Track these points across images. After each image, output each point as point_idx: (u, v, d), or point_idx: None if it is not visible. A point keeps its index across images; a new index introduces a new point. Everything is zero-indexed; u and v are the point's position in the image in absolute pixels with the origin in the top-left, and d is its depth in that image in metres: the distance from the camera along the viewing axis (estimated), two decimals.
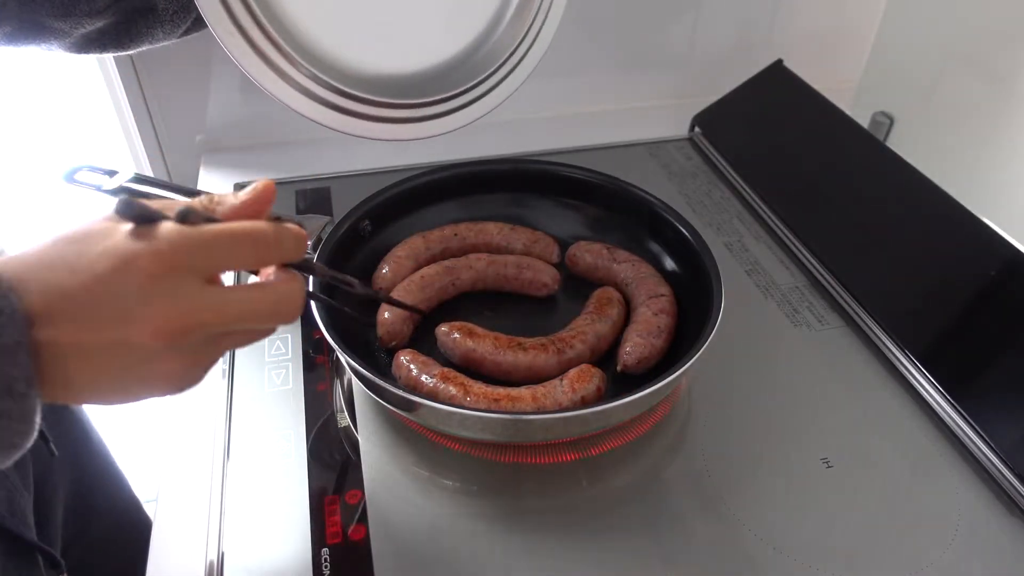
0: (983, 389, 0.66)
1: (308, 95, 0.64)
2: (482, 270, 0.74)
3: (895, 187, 0.84)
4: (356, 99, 0.66)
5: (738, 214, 0.93)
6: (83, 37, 0.63)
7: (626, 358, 0.66)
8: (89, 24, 0.61)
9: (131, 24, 0.64)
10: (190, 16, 0.66)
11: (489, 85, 0.74)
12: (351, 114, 0.67)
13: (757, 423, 0.67)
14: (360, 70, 0.67)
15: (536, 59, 0.74)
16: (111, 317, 0.36)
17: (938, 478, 0.63)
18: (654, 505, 0.60)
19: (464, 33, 0.72)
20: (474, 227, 0.78)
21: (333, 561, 0.54)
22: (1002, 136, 0.92)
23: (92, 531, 0.76)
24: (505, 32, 0.73)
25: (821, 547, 0.57)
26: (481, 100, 0.74)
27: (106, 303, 0.36)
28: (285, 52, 0.62)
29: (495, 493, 0.60)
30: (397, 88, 0.69)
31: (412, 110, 0.70)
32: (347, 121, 0.67)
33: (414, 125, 0.71)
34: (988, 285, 0.72)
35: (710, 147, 1.04)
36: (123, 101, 0.96)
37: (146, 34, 0.66)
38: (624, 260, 0.75)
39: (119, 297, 0.36)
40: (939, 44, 0.99)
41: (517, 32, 0.73)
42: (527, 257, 0.76)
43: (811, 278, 0.83)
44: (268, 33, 0.60)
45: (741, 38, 1.15)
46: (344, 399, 0.67)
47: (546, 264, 0.76)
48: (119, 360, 0.37)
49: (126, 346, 0.36)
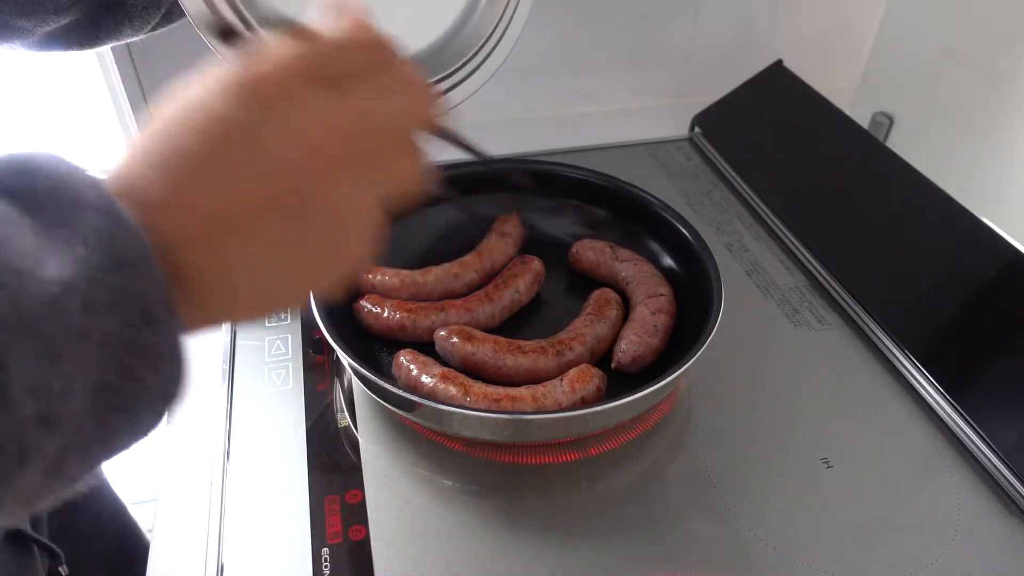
0: (983, 389, 0.66)
1: None
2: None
3: (895, 187, 0.84)
4: None
5: (738, 214, 0.93)
6: (47, 35, 0.60)
7: (620, 356, 0.66)
8: (54, 21, 0.59)
9: (97, 20, 0.61)
10: (160, 11, 0.63)
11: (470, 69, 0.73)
12: None
13: (757, 423, 0.67)
14: None
15: (514, 37, 0.74)
16: (254, 160, 0.29)
17: (938, 478, 0.63)
18: (654, 505, 0.60)
19: (444, 17, 0.72)
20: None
21: (333, 561, 0.54)
22: (1002, 136, 0.92)
23: (77, 524, 0.76)
24: (484, 12, 0.73)
25: (821, 547, 0.57)
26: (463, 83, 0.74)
27: (243, 142, 0.29)
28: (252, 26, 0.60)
29: (495, 493, 0.60)
30: None
31: None
32: None
33: None
34: (988, 285, 0.72)
35: (710, 147, 1.04)
36: (123, 100, 0.96)
37: (113, 31, 0.63)
38: (626, 259, 0.75)
39: (257, 128, 0.29)
40: (939, 44, 0.99)
41: (490, 20, 0.72)
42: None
43: (811, 278, 0.83)
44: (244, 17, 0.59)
45: (741, 38, 1.15)
46: (344, 399, 0.67)
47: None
48: (281, 228, 0.30)
49: (291, 192, 0.29)
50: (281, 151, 0.29)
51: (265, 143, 0.29)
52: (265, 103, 0.29)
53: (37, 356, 0.24)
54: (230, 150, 0.29)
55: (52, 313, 0.24)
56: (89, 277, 0.25)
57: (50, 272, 0.25)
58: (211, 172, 0.28)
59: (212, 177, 0.29)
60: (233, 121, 0.29)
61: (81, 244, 0.25)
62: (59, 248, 0.25)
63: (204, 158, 0.28)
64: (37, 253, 0.25)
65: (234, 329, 0.74)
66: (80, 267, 0.25)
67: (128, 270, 0.26)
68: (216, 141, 0.29)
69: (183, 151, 0.28)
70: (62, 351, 0.25)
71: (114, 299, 0.26)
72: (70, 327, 0.25)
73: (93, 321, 0.25)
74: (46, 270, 0.25)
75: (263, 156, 0.29)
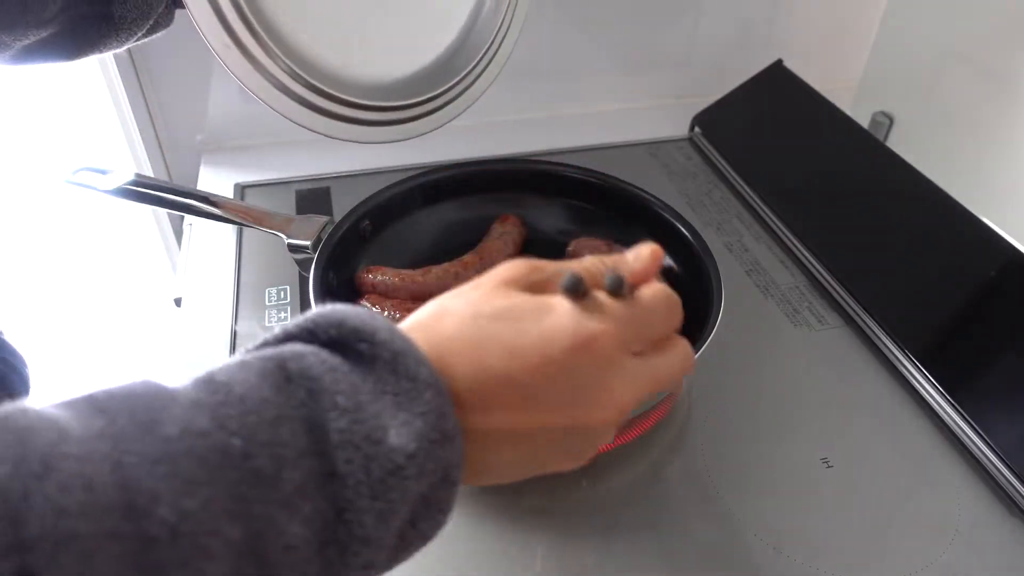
0: (983, 389, 0.66)
1: (298, 100, 0.64)
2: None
3: (895, 187, 0.84)
4: (340, 102, 0.66)
5: (738, 214, 0.93)
6: (24, 49, 0.58)
7: None
8: (34, 34, 0.57)
9: (79, 33, 0.59)
10: (148, 23, 0.61)
11: (469, 81, 0.74)
12: (330, 115, 0.67)
13: (757, 423, 0.67)
14: (345, 74, 0.67)
15: (508, 51, 0.74)
16: (567, 402, 0.33)
17: (938, 478, 0.63)
18: (654, 505, 0.60)
19: (449, 31, 0.72)
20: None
21: None
22: (1002, 136, 0.92)
23: None
24: (483, 24, 0.73)
25: (821, 547, 0.57)
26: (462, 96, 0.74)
27: (563, 388, 0.33)
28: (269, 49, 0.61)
29: (495, 493, 0.60)
30: (382, 91, 0.69)
31: (396, 112, 0.71)
32: (332, 125, 0.67)
33: (398, 127, 0.71)
34: (988, 285, 0.72)
35: (710, 147, 1.03)
36: (123, 101, 0.96)
37: (96, 43, 0.61)
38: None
39: (578, 381, 0.33)
40: (939, 44, 0.99)
41: (492, 25, 0.73)
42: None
43: (811, 278, 0.83)
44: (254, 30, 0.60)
45: (741, 38, 1.15)
46: None
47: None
48: (556, 445, 0.34)
49: (577, 431, 0.34)
50: (604, 407, 0.34)
51: (585, 397, 0.33)
52: (594, 363, 0.33)
53: (377, 516, 0.29)
54: (550, 390, 0.33)
55: (394, 479, 0.29)
56: (426, 450, 0.30)
57: (396, 441, 0.29)
58: (525, 401, 0.33)
59: (525, 406, 0.33)
60: (563, 367, 0.33)
61: (421, 419, 0.30)
62: (403, 419, 0.30)
63: (523, 387, 0.32)
64: (387, 423, 0.29)
65: (235, 328, 0.74)
66: (420, 441, 0.30)
67: (449, 445, 0.31)
68: (540, 378, 0.32)
69: (505, 373, 0.32)
70: (394, 510, 0.29)
71: (436, 466, 0.30)
72: (405, 491, 0.29)
73: (418, 485, 0.30)
74: (393, 438, 0.29)
75: (577, 411, 0.33)
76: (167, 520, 0.24)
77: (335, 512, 0.28)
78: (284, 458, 0.27)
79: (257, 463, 0.27)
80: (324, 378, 0.30)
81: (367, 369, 0.31)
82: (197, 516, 0.25)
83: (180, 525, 0.25)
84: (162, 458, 0.25)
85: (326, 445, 0.28)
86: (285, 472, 0.27)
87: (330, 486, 0.28)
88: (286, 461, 0.27)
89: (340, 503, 0.28)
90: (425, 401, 0.30)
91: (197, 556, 0.25)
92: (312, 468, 0.28)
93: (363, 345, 0.31)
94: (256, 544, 0.26)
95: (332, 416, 0.29)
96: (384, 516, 0.29)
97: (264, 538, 0.26)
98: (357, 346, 0.31)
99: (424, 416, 0.30)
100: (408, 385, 0.30)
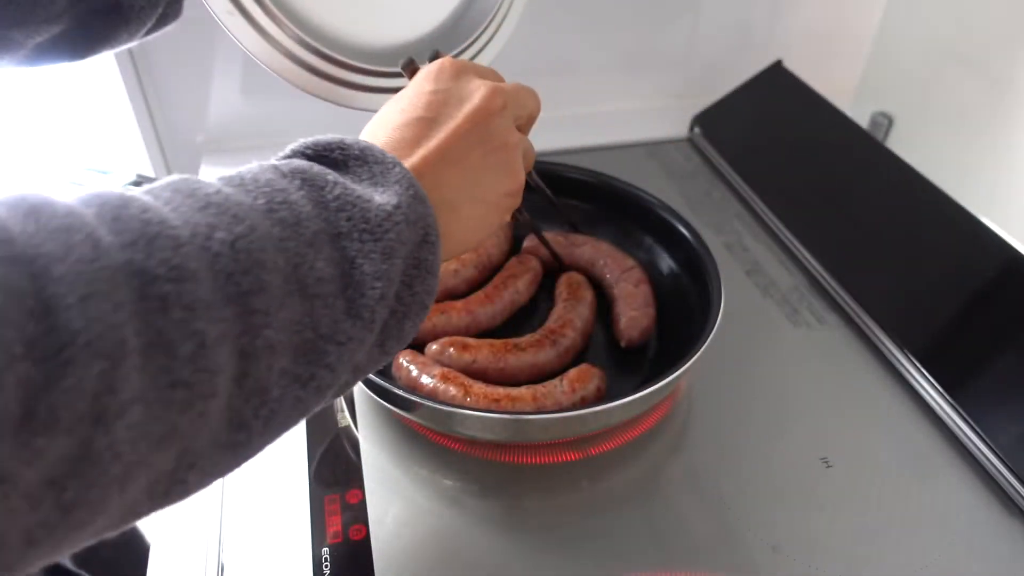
0: (983, 389, 0.66)
1: (307, 68, 0.63)
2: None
3: (894, 187, 0.84)
4: (349, 67, 0.65)
5: (738, 214, 0.93)
6: (36, 47, 0.59)
7: (629, 332, 0.68)
8: (46, 31, 0.58)
9: (90, 27, 0.60)
10: (156, 10, 0.62)
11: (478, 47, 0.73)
12: (338, 82, 0.66)
13: (757, 423, 0.67)
14: (354, 39, 0.66)
15: (518, 15, 0.73)
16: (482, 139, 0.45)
17: (938, 478, 0.63)
18: (654, 505, 0.60)
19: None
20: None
21: (333, 561, 0.54)
22: (1001, 136, 0.92)
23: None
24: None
25: (821, 547, 0.57)
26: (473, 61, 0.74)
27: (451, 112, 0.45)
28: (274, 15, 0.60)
29: (495, 493, 0.60)
30: (386, 57, 0.68)
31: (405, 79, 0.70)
32: (342, 93, 0.66)
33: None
34: (987, 285, 0.72)
35: (710, 147, 1.04)
36: (124, 101, 0.96)
37: (107, 38, 0.61)
38: (583, 243, 0.77)
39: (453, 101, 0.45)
40: (939, 44, 0.99)
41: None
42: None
43: (810, 278, 0.83)
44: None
45: (741, 38, 1.15)
46: (344, 399, 0.67)
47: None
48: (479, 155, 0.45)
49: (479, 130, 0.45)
50: (479, 100, 0.46)
51: (469, 98, 0.46)
52: (456, 77, 0.47)
53: (381, 254, 0.37)
54: (446, 108, 0.45)
55: (388, 222, 0.37)
56: (407, 204, 0.38)
57: (381, 200, 0.38)
58: (431, 125, 0.44)
59: (433, 128, 0.44)
60: (439, 90, 0.46)
61: (396, 186, 0.39)
62: (383, 189, 0.39)
63: (426, 118, 0.44)
64: (371, 190, 0.38)
65: None
66: (400, 199, 0.38)
67: (421, 203, 0.39)
68: (433, 106, 0.45)
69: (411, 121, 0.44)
70: (393, 252, 0.37)
71: (417, 219, 0.39)
72: (399, 234, 0.37)
73: (407, 233, 0.38)
74: (378, 199, 0.38)
75: (468, 106, 0.46)
76: (225, 240, 0.31)
77: (348, 262, 0.36)
78: (299, 213, 0.35)
79: (280, 215, 0.34)
80: (313, 169, 0.38)
81: (343, 170, 0.40)
82: (248, 236, 0.32)
83: (236, 242, 0.31)
84: (207, 205, 0.32)
85: (327, 211, 0.36)
86: (302, 223, 0.35)
87: (339, 242, 0.36)
88: (301, 215, 0.35)
89: (350, 254, 0.36)
90: (396, 174, 0.39)
91: (255, 267, 0.32)
92: (320, 227, 0.35)
93: (336, 152, 0.40)
94: (296, 272, 0.34)
95: (326, 190, 0.37)
96: (387, 254, 0.37)
97: (300, 269, 0.34)
98: (332, 154, 0.40)
99: (398, 183, 0.39)
100: (379, 168, 0.39)
